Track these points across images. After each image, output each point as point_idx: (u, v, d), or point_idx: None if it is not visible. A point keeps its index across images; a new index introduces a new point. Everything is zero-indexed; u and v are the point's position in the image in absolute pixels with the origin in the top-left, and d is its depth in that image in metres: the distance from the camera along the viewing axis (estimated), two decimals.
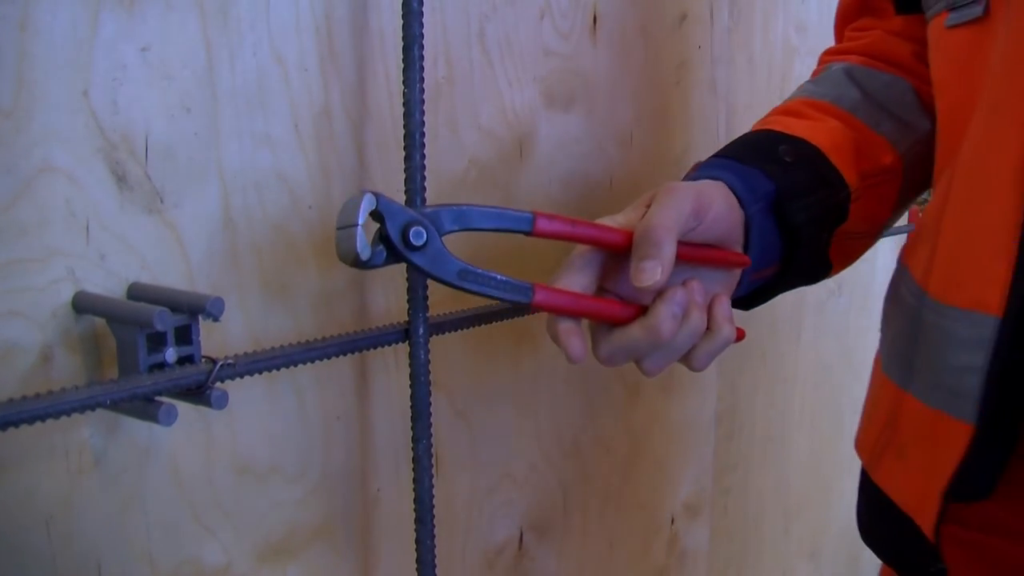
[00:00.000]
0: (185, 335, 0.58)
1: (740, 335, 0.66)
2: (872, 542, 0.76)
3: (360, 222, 0.55)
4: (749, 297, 0.74)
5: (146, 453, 0.62)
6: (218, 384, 0.59)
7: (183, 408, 0.59)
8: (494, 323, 0.78)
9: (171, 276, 0.62)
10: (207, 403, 0.58)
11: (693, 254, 0.63)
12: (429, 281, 0.70)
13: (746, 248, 0.67)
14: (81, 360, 0.58)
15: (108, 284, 0.59)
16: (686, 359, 0.63)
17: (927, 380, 0.64)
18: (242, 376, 0.60)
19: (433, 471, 0.72)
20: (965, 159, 0.61)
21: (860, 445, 0.78)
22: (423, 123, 0.67)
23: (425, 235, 0.57)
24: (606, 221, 0.63)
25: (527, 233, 0.61)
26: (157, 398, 0.57)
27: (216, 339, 0.64)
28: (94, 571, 0.60)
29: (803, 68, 1.24)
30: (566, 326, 0.60)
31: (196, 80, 0.62)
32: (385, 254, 0.57)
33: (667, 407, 1.11)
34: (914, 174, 0.77)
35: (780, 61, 1.21)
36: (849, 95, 0.77)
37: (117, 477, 0.61)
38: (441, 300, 0.73)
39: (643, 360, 0.61)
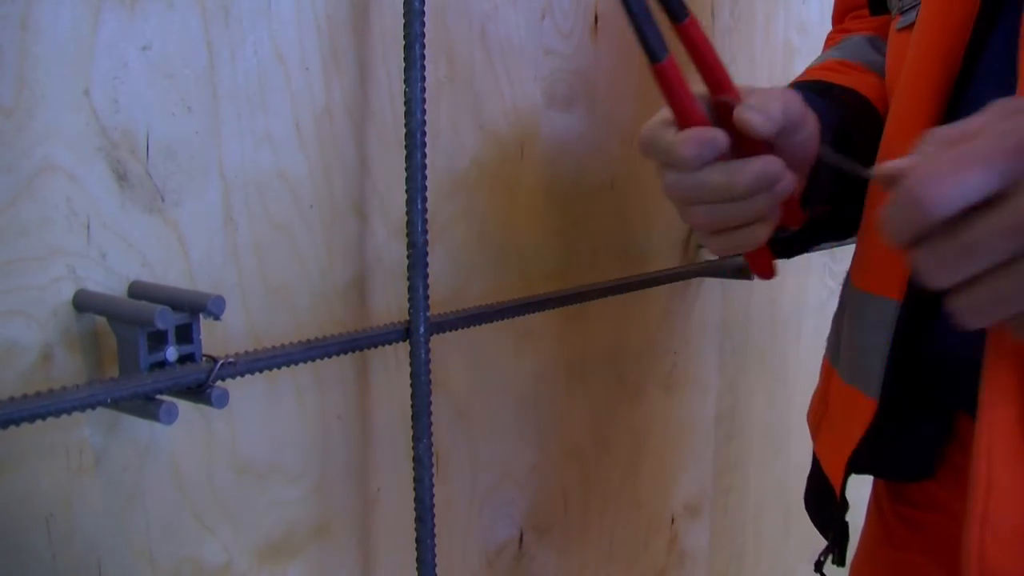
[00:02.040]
0: (186, 334, 0.58)
1: (771, 271, 0.65)
2: (809, 509, 0.80)
3: None
4: (790, 240, 0.70)
5: (146, 452, 0.62)
6: (219, 383, 0.59)
7: (184, 407, 0.59)
8: (495, 323, 0.78)
9: (172, 275, 0.62)
10: (208, 402, 0.58)
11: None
12: (430, 281, 0.70)
13: (815, 178, 0.64)
14: (82, 358, 0.58)
15: (109, 283, 0.59)
16: (715, 236, 0.60)
17: (847, 359, 0.68)
18: (243, 375, 0.60)
19: (433, 470, 0.72)
20: (880, 159, 0.64)
21: (808, 420, 0.81)
22: (424, 122, 0.67)
23: None
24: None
25: (673, 23, 0.57)
26: (158, 397, 0.57)
27: (217, 338, 0.64)
28: (94, 569, 0.60)
29: (803, 68, 1.24)
30: (687, 134, 0.56)
31: (197, 79, 0.62)
32: None
33: (667, 407, 1.11)
34: None
35: (781, 61, 1.21)
36: (877, 60, 0.76)
37: (117, 476, 0.61)
38: (442, 300, 0.73)
39: (694, 206, 0.58)
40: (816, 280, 1.38)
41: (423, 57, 0.67)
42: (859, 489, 0.78)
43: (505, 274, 0.86)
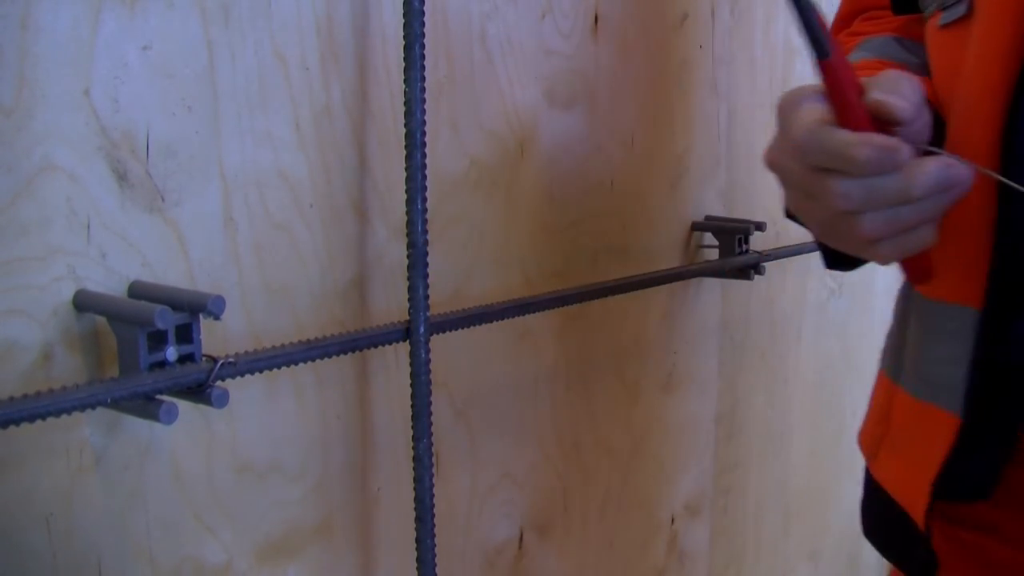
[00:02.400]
0: (186, 333, 0.58)
1: (930, 273, 0.59)
2: (872, 536, 0.75)
3: None
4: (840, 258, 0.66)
5: (146, 451, 0.62)
6: (219, 383, 0.59)
7: (184, 406, 0.59)
8: (494, 323, 0.78)
9: (172, 274, 0.62)
10: (208, 402, 0.58)
11: None
12: (430, 281, 0.70)
13: None
14: (82, 358, 0.58)
15: (109, 282, 0.59)
16: (884, 242, 0.55)
17: (916, 373, 0.64)
18: (243, 375, 0.60)
19: (433, 470, 0.72)
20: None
21: (861, 439, 0.77)
22: (424, 122, 0.67)
23: None
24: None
25: (817, 58, 0.54)
26: (158, 396, 0.57)
27: (217, 337, 0.64)
28: (94, 568, 0.60)
29: (804, 68, 1.24)
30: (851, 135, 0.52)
31: (197, 79, 0.62)
32: None
33: (667, 407, 1.11)
34: None
35: (781, 61, 1.21)
36: (910, 60, 0.71)
37: (117, 475, 0.61)
38: (442, 300, 0.73)
39: (861, 214, 0.53)
40: (816, 280, 1.38)
41: (423, 57, 0.67)
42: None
43: (505, 274, 0.86)
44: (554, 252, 0.92)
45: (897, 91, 0.52)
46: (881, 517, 0.71)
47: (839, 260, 0.66)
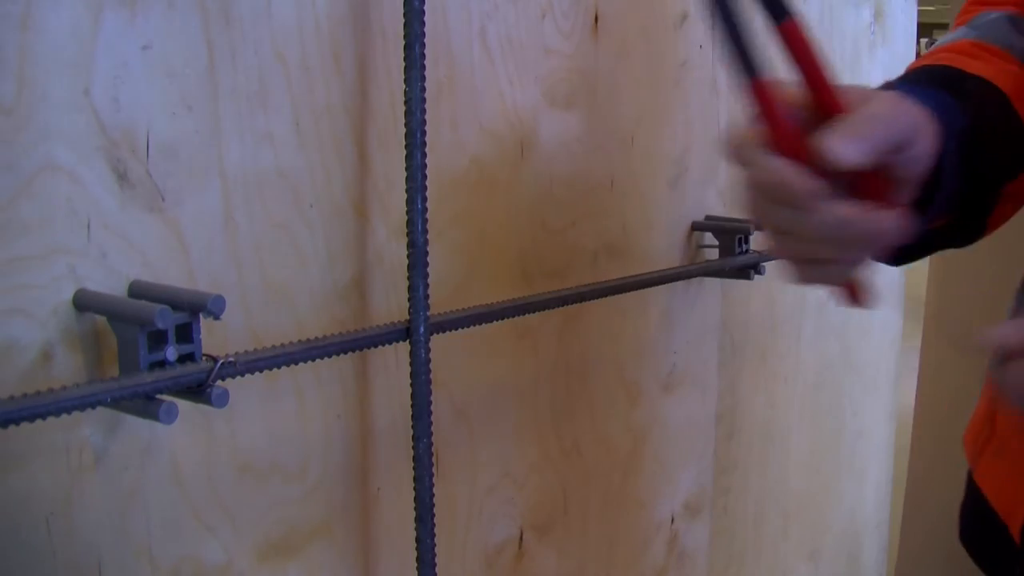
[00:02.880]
0: (186, 333, 0.58)
1: (862, 301, 0.58)
2: (966, 543, 0.70)
3: None
4: (903, 248, 0.63)
5: (146, 451, 0.62)
6: (219, 382, 0.59)
7: (184, 406, 0.59)
8: (495, 322, 0.78)
9: (172, 274, 0.62)
10: (208, 401, 0.58)
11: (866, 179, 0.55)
12: (431, 281, 0.70)
13: (936, 188, 0.58)
14: (82, 358, 0.58)
15: (109, 282, 0.59)
16: (799, 265, 0.54)
17: None
18: (243, 374, 0.60)
19: (433, 470, 0.72)
20: None
21: (965, 438, 0.71)
22: (424, 122, 0.67)
23: None
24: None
25: (774, 21, 0.54)
26: (158, 396, 0.57)
27: (217, 337, 0.64)
28: (94, 568, 0.60)
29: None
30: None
31: (197, 78, 0.62)
32: None
33: (667, 407, 1.11)
34: None
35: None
36: (1019, 45, 0.67)
37: (117, 475, 0.61)
38: (442, 299, 0.73)
39: (771, 233, 0.53)
40: None
41: (423, 56, 0.67)
42: None
43: (505, 274, 0.86)
44: (554, 252, 0.92)
45: (857, 133, 0.50)
46: (978, 525, 0.67)
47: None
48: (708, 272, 1.08)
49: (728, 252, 1.08)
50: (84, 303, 0.57)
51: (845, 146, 0.49)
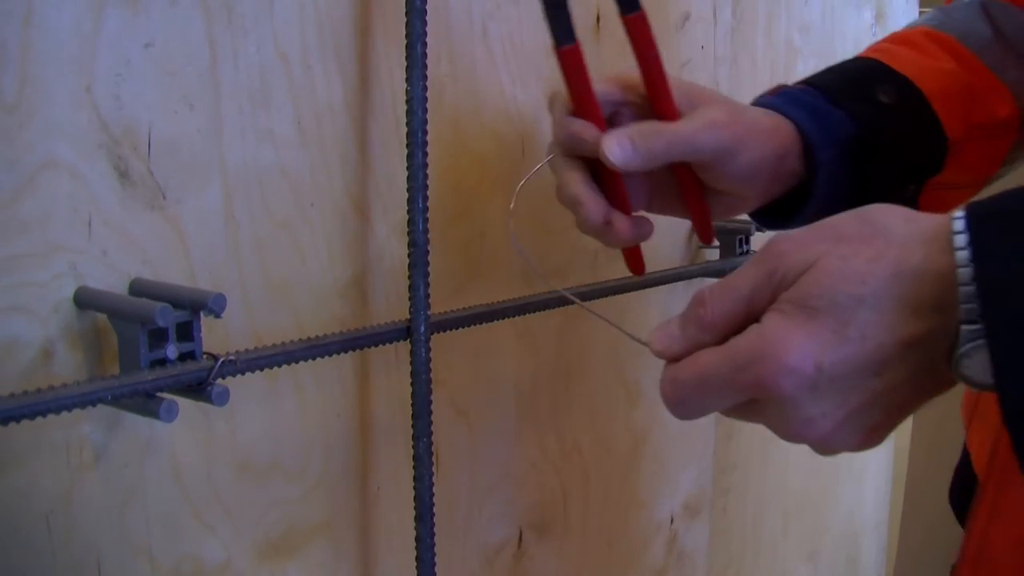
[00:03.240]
0: (187, 331, 0.58)
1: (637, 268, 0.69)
2: (953, 503, 0.71)
3: None
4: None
5: (147, 449, 0.62)
6: (219, 381, 0.59)
7: (184, 404, 0.59)
8: (495, 321, 0.78)
9: (173, 272, 0.62)
10: (208, 399, 0.58)
11: (688, 183, 0.64)
12: (431, 280, 0.70)
13: (810, 194, 0.64)
14: (82, 356, 0.58)
15: (110, 280, 0.59)
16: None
17: None
18: (243, 373, 0.60)
19: (433, 469, 0.72)
20: None
21: (962, 406, 0.73)
22: (426, 121, 0.67)
23: None
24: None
25: (621, 13, 0.62)
26: (158, 394, 0.57)
27: (217, 335, 0.64)
28: (94, 566, 0.60)
29: (806, 68, 1.24)
30: (582, 123, 0.61)
31: (199, 76, 0.62)
32: None
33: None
34: None
35: (783, 62, 1.21)
36: (979, 33, 0.71)
37: (117, 473, 0.61)
38: (442, 298, 0.73)
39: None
40: None
41: (425, 55, 0.67)
42: None
43: (505, 274, 0.86)
44: (554, 252, 0.92)
45: (636, 138, 0.57)
46: (962, 486, 0.69)
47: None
48: (708, 273, 1.08)
49: (729, 253, 1.08)
50: (85, 301, 0.57)
51: (616, 148, 0.56)
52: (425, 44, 0.67)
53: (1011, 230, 0.40)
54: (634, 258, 0.70)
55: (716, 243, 1.10)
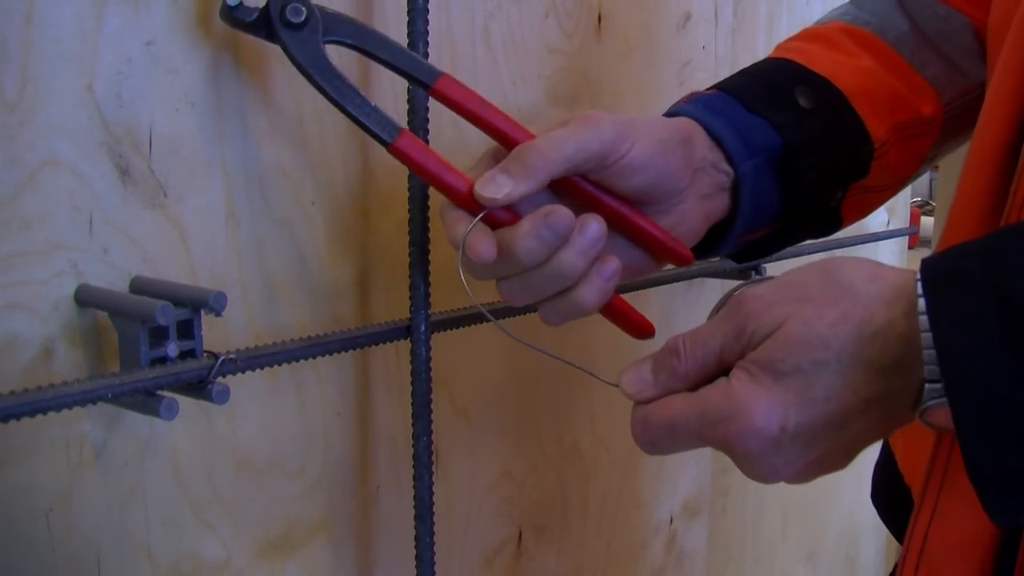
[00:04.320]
0: (187, 329, 0.58)
1: (646, 328, 0.60)
2: (876, 502, 0.72)
3: None
4: (740, 254, 0.67)
5: (147, 447, 0.62)
6: (220, 379, 0.59)
7: (184, 402, 0.59)
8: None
9: (174, 270, 0.62)
10: (208, 398, 0.58)
11: (618, 216, 0.56)
12: (432, 279, 0.70)
13: (735, 209, 0.61)
14: (83, 353, 0.58)
15: (110, 278, 0.59)
16: (540, 305, 0.56)
17: None
18: (244, 371, 0.60)
19: (433, 468, 0.72)
20: (976, 130, 0.55)
21: None
22: (427, 120, 0.67)
23: (304, 15, 0.54)
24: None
25: (426, 88, 0.56)
26: (158, 392, 0.57)
27: (218, 334, 0.64)
28: (93, 564, 0.60)
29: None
30: (456, 215, 0.54)
31: (200, 75, 0.62)
32: (259, 19, 0.55)
33: None
34: (954, 126, 0.69)
35: None
36: (896, 26, 0.69)
37: (117, 471, 0.61)
38: (443, 297, 0.73)
39: (501, 281, 0.55)
40: None
41: (426, 55, 0.67)
42: None
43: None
44: None
45: (507, 168, 0.53)
46: (886, 486, 0.70)
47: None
48: (708, 273, 1.08)
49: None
50: (85, 299, 0.57)
51: (491, 187, 0.53)
52: (426, 44, 0.67)
53: (965, 294, 0.41)
54: (628, 318, 0.61)
55: None
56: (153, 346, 0.57)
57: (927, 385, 0.42)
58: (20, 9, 0.53)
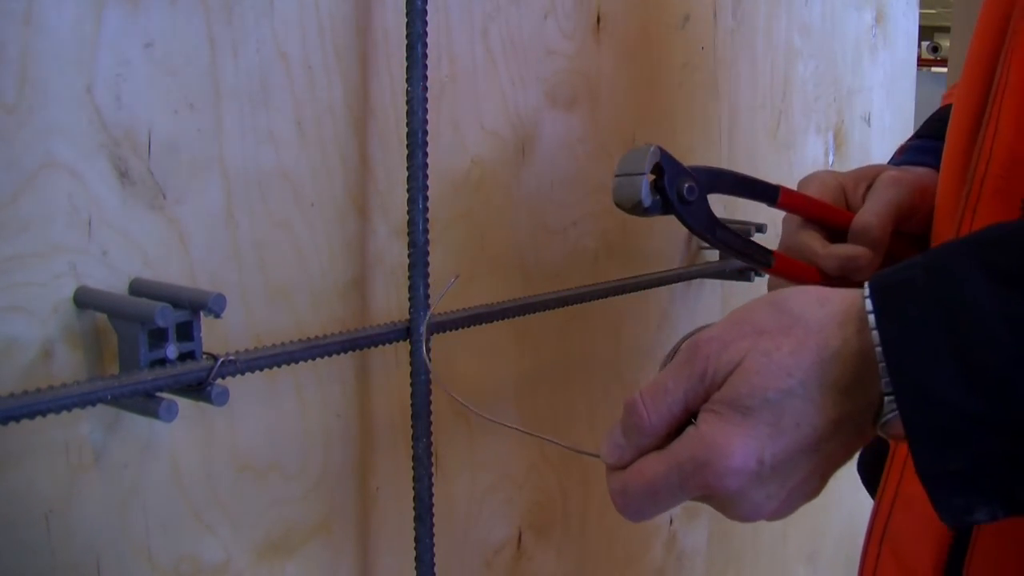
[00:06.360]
0: (186, 331, 0.58)
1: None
2: (861, 469, 0.75)
3: (646, 171, 0.61)
4: None
5: (146, 449, 0.62)
6: (219, 381, 0.59)
7: (184, 404, 0.59)
8: (495, 322, 0.78)
9: (173, 272, 0.62)
10: (208, 399, 0.58)
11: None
12: (431, 281, 0.70)
13: None
14: (82, 355, 0.58)
15: (110, 280, 0.59)
16: None
17: None
18: (243, 373, 0.60)
19: (433, 470, 0.72)
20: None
21: None
22: (426, 121, 0.68)
23: (696, 191, 0.62)
24: (823, 180, 0.69)
25: (771, 203, 0.67)
26: (158, 394, 0.57)
27: (217, 335, 0.64)
28: (93, 566, 0.60)
29: (806, 70, 1.24)
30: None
31: (199, 76, 0.62)
32: (660, 203, 0.63)
33: None
34: None
35: (783, 63, 1.21)
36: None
37: (117, 473, 0.61)
38: (443, 298, 0.73)
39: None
40: None
41: (425, 56, 0.67)
42: None
43: (505, 274, 0.86)
44: (554, 252, 0.92)
45: (857, 243, 0.64)
46: (871, 453, 0.72)
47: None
48: (708, 274, 1.08)
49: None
50: (85, 301, 0.57)
51: (850, 264, 0.64)
52: (425, 44, 0.67)
53: (908, 301, 0.42)
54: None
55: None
56: (152, 348, 0.57)
57: (885, 398, 0.43)
58: (19, 11, 0.53)
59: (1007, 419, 0.40)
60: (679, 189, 0.62)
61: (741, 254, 0.65)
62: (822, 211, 0.67)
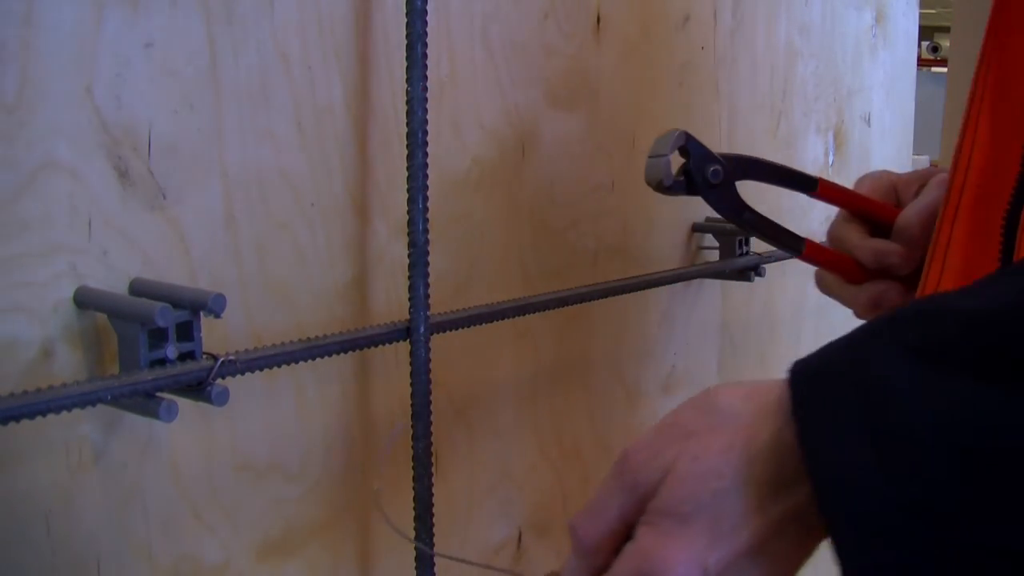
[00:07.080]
0: (186, 331, 0.58)
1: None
2: None
3: (669, 153, 0.63)
4: None
5: (146, 449, 0.62)
6: (219, 381, 0.59)
7: (184, 404, 0.59)
8: (495, 322, 0.78)
9: (173, 272, 0.62)
10: (208, 399, 0.58)
11: None
12: (431, 281, 0.70)
13: None
14: (82, 355, 0.58)
15: (110, 280, 0.59)
16: None
17: None
18: (243, 373, 0.60)
19: (433, 469, 0.72)
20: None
21: None
22: (426, 121, 0.68)
23: (722, 174, 0.64)
24: (876, 177, 0.69)
25: (810, 192, 0.68)
26: (158, 394, 0.57)
27: (217, 335, 0.64)
28: (93, 566, 0.60)
29: (805, 70, 1.24)
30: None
31: (199, 76, 0.62)
32: (684, 185, 0.65)
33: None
34: None
35: (783, 63, 1.21)
36: None
37: (117, 473, 0.61)
38: (442, 298, 0.73)
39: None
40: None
41: (425, 56, 0.67)
42: None
43: (505, 274, 0.86)
44: (554, 252, 0.92)
45: (899, 241, 0.64)
46: None
47: None
48: (708, 273, 1.08)
49: (728, 254, 1.08)
50: (85, 301, 0.57)
51: (890, 259, 0.65)
52: (425, 44, 0.67)
53: (825, 386, 0.40)
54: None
55: (717, 243, 1.10)
56: (152, 348, 0.57)
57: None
58: (18, 10, 0.53)
59: (929, 505, 0.37)
60: (704, 172, 0.64)
61: (771, 238, 0.67)
62: (864, 205, 0.68)
